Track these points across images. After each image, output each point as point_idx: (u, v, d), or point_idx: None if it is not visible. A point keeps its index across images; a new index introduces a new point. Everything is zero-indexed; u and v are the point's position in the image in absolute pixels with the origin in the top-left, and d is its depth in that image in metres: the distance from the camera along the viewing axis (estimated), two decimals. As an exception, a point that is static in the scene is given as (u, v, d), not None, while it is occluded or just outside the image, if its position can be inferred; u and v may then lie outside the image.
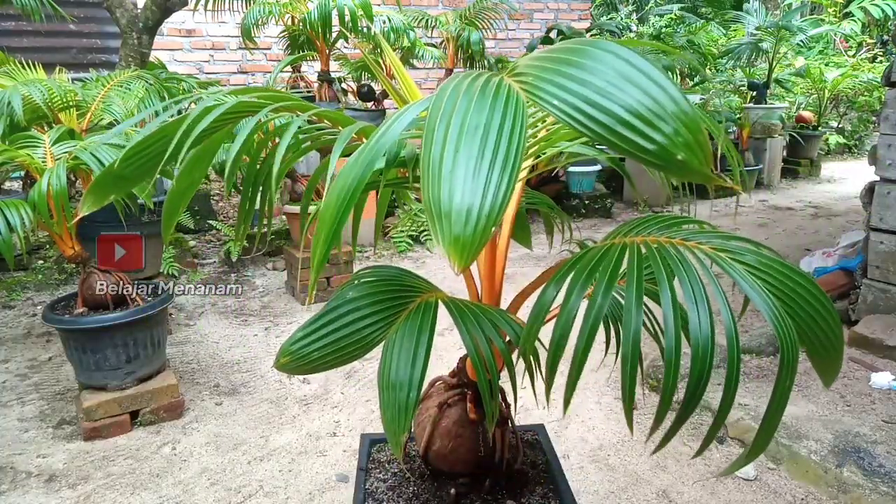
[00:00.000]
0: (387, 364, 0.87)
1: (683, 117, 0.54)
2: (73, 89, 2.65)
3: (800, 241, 4.56)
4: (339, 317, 0.94)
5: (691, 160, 0.53)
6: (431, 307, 0.94)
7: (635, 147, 0.54)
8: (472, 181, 0.51)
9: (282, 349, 0.94)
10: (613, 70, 0.57)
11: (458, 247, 0.49)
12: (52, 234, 2.21)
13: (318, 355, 0.92)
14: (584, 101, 0.56)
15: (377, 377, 0.88)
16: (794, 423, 2.06)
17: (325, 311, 0.95)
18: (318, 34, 4.06)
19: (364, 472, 1.20)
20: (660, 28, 8.40)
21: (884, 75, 2.80)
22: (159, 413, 2.29)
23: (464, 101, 0.58)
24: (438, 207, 0.50)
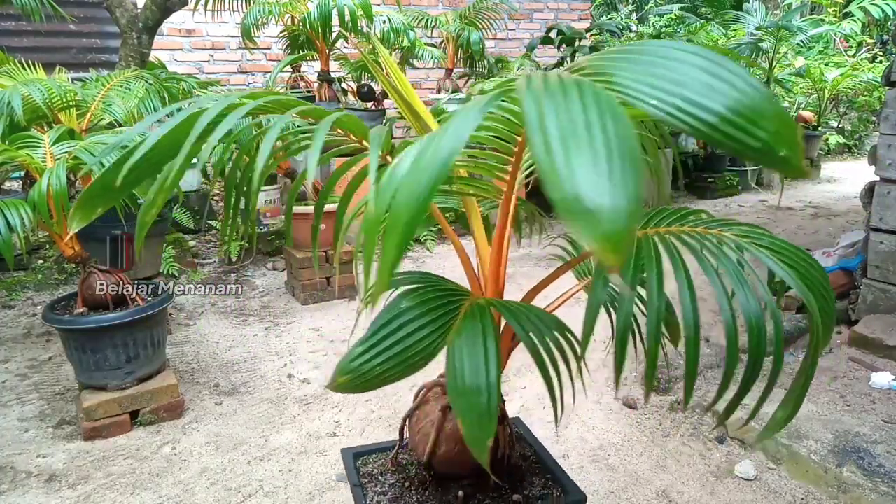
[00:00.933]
0: (455, 371, 0.83)
1: (781, 117, 0.58)
2: (73, 89, 2.65)
3: (800, 241, 4.56)
4: (399, 328, 0.91)
5: (791, 156, 0.57)
6: (485, 310, 0.93)
7: (740, 144, 0.58)
8: (608, 180, 0.51)
9: (340, 368, 0.89)
10: (705, 71, 0.61)
11: (612, 244, 0.49)
12: (52, 234, 2.21)
13: (381, 369, 0.89)
14: (683, 101, 0.59)
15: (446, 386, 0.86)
16: (795, 422, 2.06)
17: (381, 324, 0.92)
18: (318, 34, 4.06)
19: (360, 489, 1.19)
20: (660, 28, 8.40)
21: (884, 75, 2.80)
22: (159, 413, 2.29)
23: (557, 101, 0.58)
24: (580, 207, 0.50)
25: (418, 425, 1.16)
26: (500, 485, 1.17)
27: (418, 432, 1.16)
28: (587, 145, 0.53)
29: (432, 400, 1.16)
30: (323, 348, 2.91)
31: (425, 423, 1.14)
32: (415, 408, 1.18)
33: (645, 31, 8.26)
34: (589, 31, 6.71)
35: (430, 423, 1.13)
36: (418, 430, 1.15)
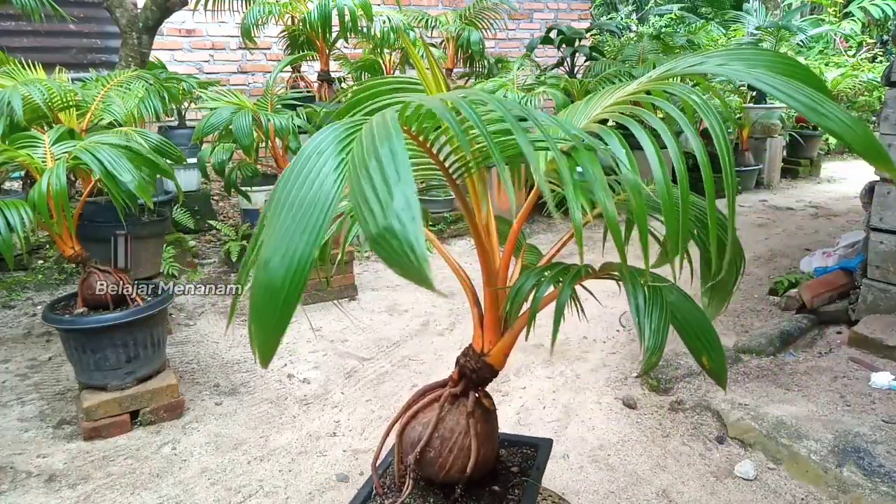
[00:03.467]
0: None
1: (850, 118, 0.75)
2: (73, 89, 2.65)
3: (800, 241, 4.56)
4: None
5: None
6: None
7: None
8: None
9: None
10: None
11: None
12: (52, 234, 2.21)
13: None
14: (810, 99, 0.77)
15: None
16: (794, 422, 2.06)
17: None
18: (318, 34, 4.06)
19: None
20: (660, 28, 8.41)
21: (884, 75, 2.80)
22: (159, 413, 2.29)
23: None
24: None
25: (411, 429, 1.15)
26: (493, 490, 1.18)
27: (408, 441, 1.14)
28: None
29: (428, 408, 1.15)
30: (323, 348, 2.91)
31: (416, 426, 1.14)
32: (403, 411, 1.17)
33: (645, 31, 8.26)
34: (589, 31, 6.71)
35: (424, 424, 1.13)
36: (410, 440, 1.14)
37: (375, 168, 0.57)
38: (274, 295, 0.56)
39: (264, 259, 0.55)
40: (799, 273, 3.55)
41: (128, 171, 1.96)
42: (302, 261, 0.55)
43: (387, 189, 0.56)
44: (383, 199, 0.55)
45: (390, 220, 0.54)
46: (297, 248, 0.56)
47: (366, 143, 0.62)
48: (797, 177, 7.17)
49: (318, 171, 0.62)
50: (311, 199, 0.58)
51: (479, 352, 1.13)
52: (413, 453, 1.10)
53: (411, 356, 2.82)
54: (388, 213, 0.54)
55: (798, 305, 3.08)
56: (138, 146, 2.14)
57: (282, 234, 0.56)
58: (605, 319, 3.20)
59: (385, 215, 0.54)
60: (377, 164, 0.58)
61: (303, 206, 0.58)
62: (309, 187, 0.60)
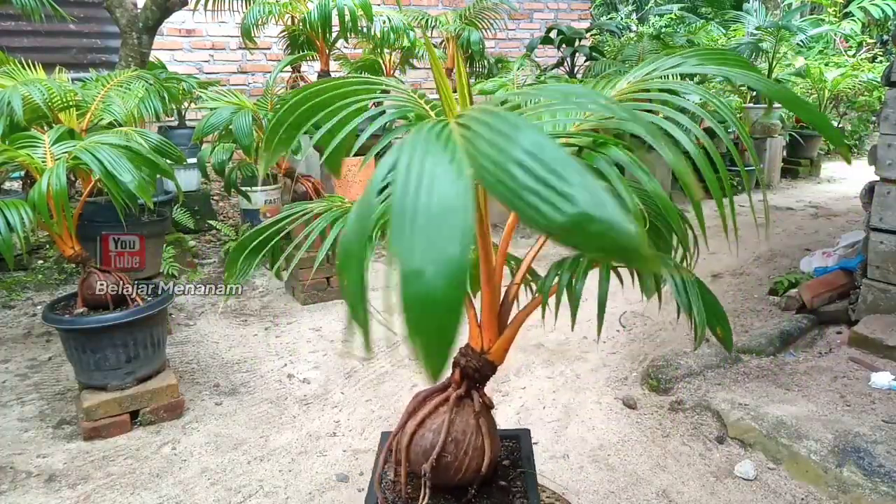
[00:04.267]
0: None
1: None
2: (73, 89, 2.65)
3: (800, 241, 4.56)
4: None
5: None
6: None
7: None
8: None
9: None
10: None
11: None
12: (52, 234, 2.20)
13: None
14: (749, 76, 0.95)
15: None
16: (794, 422, 2.06)
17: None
18: (318, 34, 4.06)
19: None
20: (660, 28, 8.41)
21: (884, 75, 2.80)
22: (159, 413, 2.29)
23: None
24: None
25: (420, 442, 1.12)
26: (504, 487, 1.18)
27: (417, 449, 1.12)
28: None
29: (433, 412, 1.14)
30: (323, 348, 2.91)
31: (426, 433, 1.12)
32: (405, 422, 1.16)
33: (645, 31, 8.26)
34: (589, 31, 6.72)
35: (435, 431, 1.11)
36: (420, 449, 1.12)
37: (528, 160, 0.56)
38: (436, 308, 0.53)
39: (414, 271, 0.53)
40: (799, 273, 3.55)
41: (128, 171, 1.96)
42: (460, 269, 0.53)
43: (558, 178, 0.54)
44: (560, 189, 0.54)
45: (583, 206, 0.53)
46: (451, 257, 0.53)
47: (489, 141, 0.60)
48: (797, 177, 7.17)
49: (432, 174, 0.58)
50: (444, 204, 0.56)
51: (480, 350, 1.13)
52: (429, 461, 1.08)
53: (411, 356, 2.82)
54: (576, 200, 0.53)
55: (798, 305, 3.08)
56: (138, 146, 2.14)
57: (426, 244, 0.54)
58: (605, 319, 3.20)
59: (574, 203, 0.53)
60: (528, 156, 0.56)
61: (437, 213, 0.55)
62: (432, 194, 0.57)
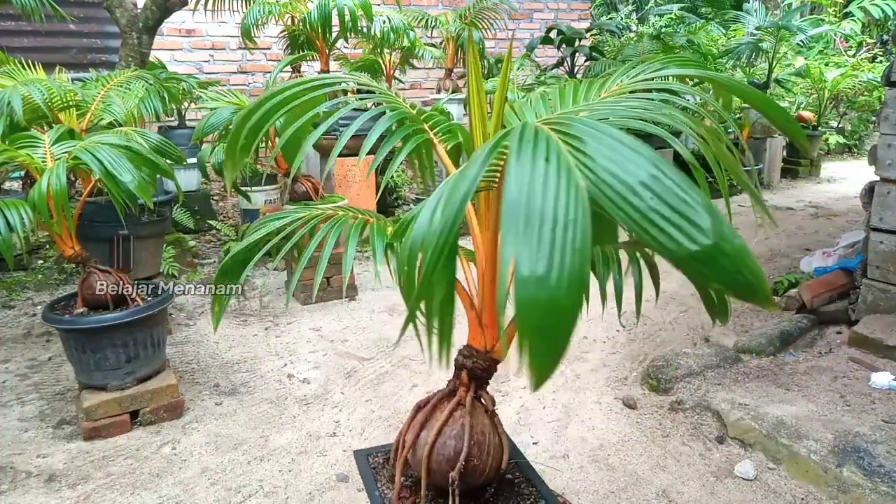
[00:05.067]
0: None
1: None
2: (73, 89, 2.66)
3: (800, 241, 4.56)
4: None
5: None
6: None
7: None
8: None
9: None
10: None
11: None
12: (52, 234, 2.21)
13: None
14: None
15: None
16: (794, 422, 2.06)
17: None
18: (318, 34, 4.06)
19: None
20: (660, 28, 8.41)
21: (884, 75, 2.80)
22: (159, 413, 2.29)
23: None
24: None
25: (442, 445, 1.11)
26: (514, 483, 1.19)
27: (435, 450, 1.11)
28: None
29: (440, 415, 1.13)
30: (323, 348, 2.91)
31: (447, 440, 1.11)
32: (418, 432, 1.14)
33: (645, 31, 8.26)
34: (589, 31, 6.72)
35: (456, 437, 1.10)
36: (438, 457, 1.10)
37: (655, 184, 0.57)
38: (558, 313, 0.54)
39: (537, 276, 0.54)
40: (799, 273, 3.55)
41: (128, 171, 1.96)
42: (583, 278, 0.54)
43: (687, 206, 0.55)
44: (690, 217, 0.55)
45: (714, 238, 0.53)
46: (575, 266, 0.54)
47: (609, 161, 0.60)
48: (797, 177, 7.17)
49: (544, 182, 0.59)
50: (565, 214, 0.56)
51: (485, 349, 1.13)
52: (457, 468, 1.08)
53: (411, 356, 2.82)
54: (707, 231, 0.54)
55: (798, 305, 3.08)
56: (138, 146, 2.14)
57: (549, 250, 0.55)
58: (604, 319, 3.20)
59: (705, 234, 0.54)
60: (653, 180, 0.57)
61: (560, 221, 0.56)
62: (547, 200, 0.58)
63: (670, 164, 0.58)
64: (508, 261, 0.53)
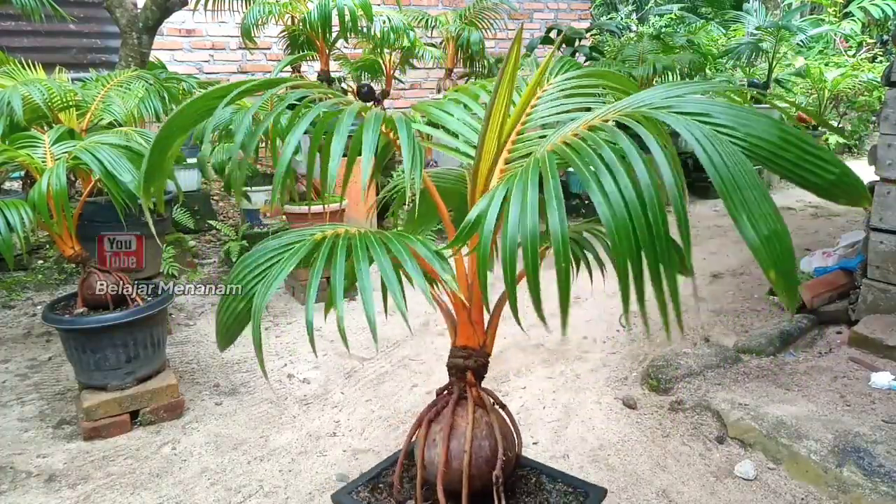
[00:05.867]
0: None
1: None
2: (73, 89, 2.66)
3: (800, 241, 4.56)
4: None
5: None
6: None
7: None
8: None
9: None
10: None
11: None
12: (52, 234, 2.21)
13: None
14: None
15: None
16: (794, 422, 2.06)
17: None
18: (318, 34, 4.06)
19: None
20: (660, 28, 8.41)
21: (884, 75, 2.79)
22: (159, 413, 2.29)
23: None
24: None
25: (478, 447, 1.10)
26: None
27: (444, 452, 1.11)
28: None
29: (444, 416, 1.13)
30: (323, 348, 2.91)
31: (481, 442, 1.10)
32: (424, 435, 1.14)
33: (645, 31, 8.26)
34: (589, 31, 6.71)
35: (488, 437, 1.10)
36: (475, 455, 1.10)
37: (792, 141, 0.76)
38: (787, 256, 0.73)
39: (767, 235, 0.72)
40: (799, 273, 3.55)
41: (128, 171, 1.96)
42: (783, 226, 0.74)
43: (819, 158, 0.75)
44: (822, 164, 0.75)
45: (839, 173, 0.75)
46: (779, 222, 0.74)
47: (745, 127, 0.77)
48: (797, 177, 7.16)
49: (726, 156, 0.74)
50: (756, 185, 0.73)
51: (479, 346, 1.14)
52: (498, 466, 1.07)
53: (411, 356, 2.82)
54: (833, 170, 0.75)
55: (798, 305, 3.08)
56: (138, 146, 2.14)
57: (759, 214, 0.73)
58: (605, 319, 3.20)
59: (833, 172, 0.75)
60: (784, 138, 0.76)
61: (759, 192, 0.73)
62: (735, 172, 0.74)
63: (803, 135, 0.76)
64: (748, 230, 0.70)
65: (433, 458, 1.11)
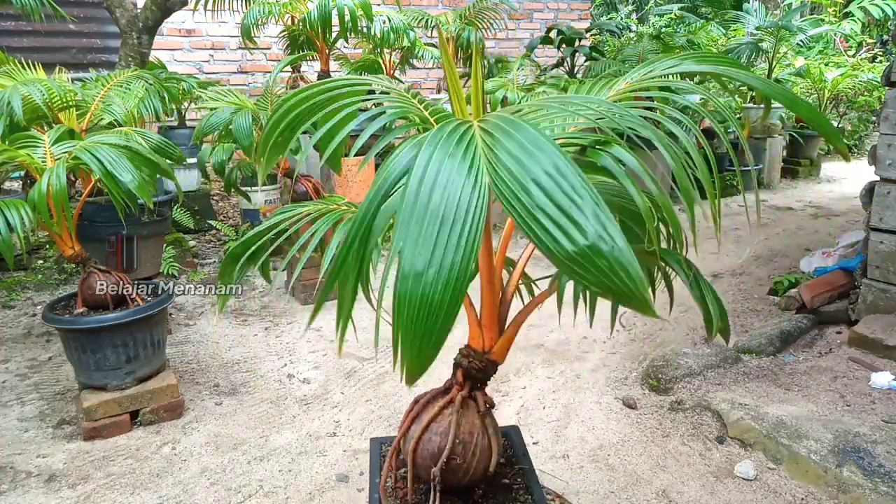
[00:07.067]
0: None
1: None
2: (73, 89, 2.65)
3: (800, 240, 4.55)
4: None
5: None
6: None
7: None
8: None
9: None
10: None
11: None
12: (52, 234, 2.20)
13: None
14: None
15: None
16: (794, 422, 2.06)
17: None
18: (318, 34, 4.06)
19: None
20: (660, 28, 8.40)
21: (884, 75, 2.80)
22: (159, 413, 2.29)
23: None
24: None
25: (427, 441, 1.11)
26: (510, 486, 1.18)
27: (421, 447, 1.12)
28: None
29: (439, 415, 1.13)
30: (323, 348, 2.91)
31: (433, 437, 1.11)
32: (407, 428, 1.15)
33: (645, 31, 8.25)
34: (589, 31, 6.71)
35: (441, 434, 1.11)
36: (421, 446, 1.12)
37: (547, 181, 0.53)
38: (431, 311, 0.51)
39: (415, 271, 0.50)
40: (799, 273, 3.55)
41: (128, 171, 1.96)
42: (461, 275, 0.51)
43: (573, 205, 0.51)
44: (573, 216, 0.51)
45: (592, 239, 0.49)
46: (454, 262, 0.51)
47: (511, 153, 0.57)
48: (797, 177, 7.17)
49: (446, 182, 0.56)
50: (454, 212, 0.54)
51: (482, 350, 1.13)
52: (438, 464, 1.08)
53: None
54: (586, 231, 0.50)
55: (798, 305, 3.08)
56: (138, 146, 2.14)
57: (430, 247, 0.52)
58: (604, 319, 3.19)
59: (584, 234, 0.49)
60: (548, 177, 0.53)
61: (447, 219, 0.53)
62: (444, 200, 0.54)
63: (572, 168, 0.54)
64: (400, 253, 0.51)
65: (408, 447, 1.14)
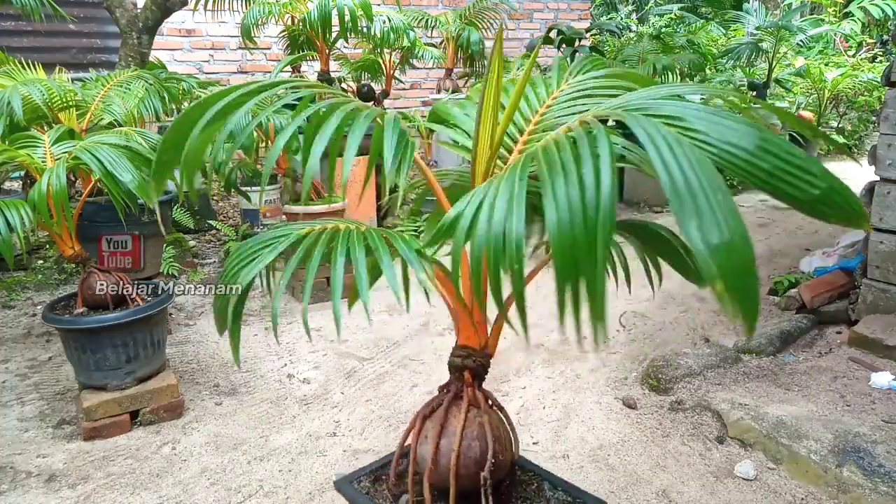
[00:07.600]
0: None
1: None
2: (73, 89, 2.65)
3: (800, 240, 4.55)
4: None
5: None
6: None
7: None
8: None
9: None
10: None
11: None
12: (52, 234, 2.21)
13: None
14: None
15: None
16: (794, 422, 2.06)
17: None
18: (318, 34, 4.06)
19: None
20: (660, 28, 8.40)
21: (884, 75, 2.80)
22: (159, 413, 2.29)
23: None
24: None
25: (466, 448, 1.10)
26: None
27: (436, 449, 1.10)
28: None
29: (439, 415, 1.13)
30: (323, 348, 2.91)
31: (471, 442, 1.10)
32: (416, 435, 1.14)
33: (645, 31, 8.25)
34: (589, 31, 6.72)
35: (479, 438, 1.10)
36: (463, 454, 1.10)
37: (778, 153, 0.69)
38: (746, 271, 0.61)
39: (723, 244, 0.62)
40: (799, 273, 3.55)
41: (128, 171, 1.96)
42: (746, 231, 0.63)
43: (803, 169, 0.68)
44: (806, 176, 0.68)
45: (826, 187, 0.68)
46: (742, 230, 0.63)
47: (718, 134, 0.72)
48: (797, 177, 7.16)
49: (683, 163, 0.68)
50: (713, 186, 0.65)
51: (480, 347, 1.14)
52: (486, 467, 1.07)
53: (411, 356, 2.82)
54: (819, 184, 0.68)
55: (798, 305, 3.08)
56: (138, 146, 2.14)
57: (720, 221, 0.64)
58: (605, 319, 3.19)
59: (818, 185, 0.68)
60: (762, 146, 0.69)
61: (714, 195, 0.65)
62: (700, 175, 0.67)
63: (784, 141, 0.70)
64: (696, 238, 0.61)
65: (424, 454, 1.12)
